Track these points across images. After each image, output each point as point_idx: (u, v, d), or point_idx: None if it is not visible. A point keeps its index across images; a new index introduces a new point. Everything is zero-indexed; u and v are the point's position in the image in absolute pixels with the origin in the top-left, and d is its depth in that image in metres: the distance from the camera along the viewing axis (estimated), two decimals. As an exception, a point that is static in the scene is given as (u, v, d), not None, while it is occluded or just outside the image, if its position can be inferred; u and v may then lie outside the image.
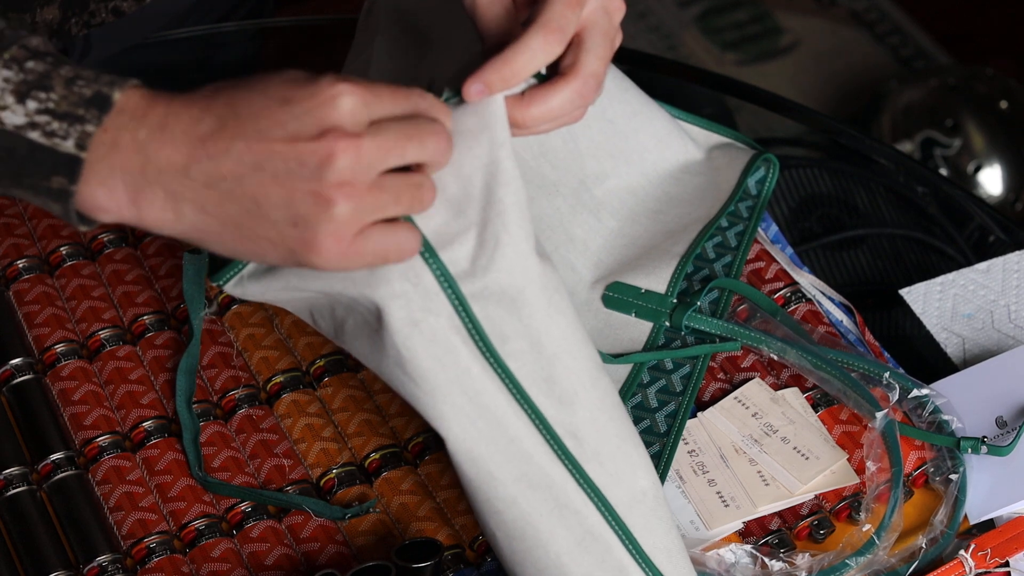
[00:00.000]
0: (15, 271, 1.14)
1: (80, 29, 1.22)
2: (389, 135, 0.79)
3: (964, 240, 1.30)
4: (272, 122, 0.78)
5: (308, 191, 0.78)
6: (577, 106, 0.88)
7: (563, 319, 0.87)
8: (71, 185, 0.79)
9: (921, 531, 0.99)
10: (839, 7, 2.48)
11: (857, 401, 1.04)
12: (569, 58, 0.87)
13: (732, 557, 0.97)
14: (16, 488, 1.02)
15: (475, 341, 0.85)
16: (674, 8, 2.47)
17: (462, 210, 0.84)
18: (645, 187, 1.14)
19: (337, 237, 0.79)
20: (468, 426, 0.86)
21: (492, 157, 0.85)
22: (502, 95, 0.85)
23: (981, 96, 2.13)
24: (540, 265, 0.86)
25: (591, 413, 0.88)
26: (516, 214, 0.85)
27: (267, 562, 0.98)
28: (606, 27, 0.88)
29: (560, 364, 0.87)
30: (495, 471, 0.87)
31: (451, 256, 0.84)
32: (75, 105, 0.79)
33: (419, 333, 0.84)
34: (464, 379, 0.85)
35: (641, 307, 1.08)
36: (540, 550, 0.88)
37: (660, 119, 1.14)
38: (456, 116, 0.85)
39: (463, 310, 0.84)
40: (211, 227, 0.80)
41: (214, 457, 1.03)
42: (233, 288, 0.86)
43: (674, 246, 1.11)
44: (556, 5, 0.86)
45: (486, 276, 0.85)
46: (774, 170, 1.16)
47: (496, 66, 0.84)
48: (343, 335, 0.88)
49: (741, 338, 1.07)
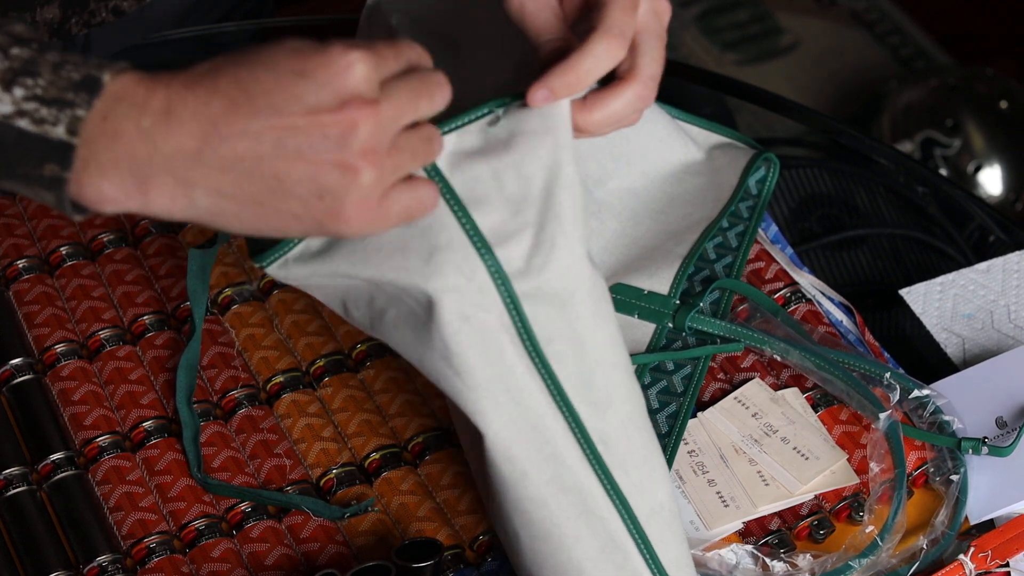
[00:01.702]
0: (15, 271, 1.14)
1: (80, 29, 1.22)
2: (402, 95, 0.79)
3: (964, 240, 1.30)
4: (288, 96, 0.77)
5: (333, 163, 0.77)
6: (636, 109, 0.88)
7: (607, 326, 0.87)
8: (64, 172, 0.77)
9: (921, 532, 0.99)
10: (839, 7, 2.48)
11: (860, 402, 1.04)
12: (626, 63, 0.88)
13: (734, 558, 0.97)
14: (16, 488, 1.02)
15: (523, 340, 0.85)
16: (674, 8, 2.46)
17: (520, 209, 0.84)
18: (646, 188, 1.14)
19: (364, 204, 0.79)
20: (508, 423, 0.86)
21: (555, 159, 0.85)
22: (568, 100, 0.85)
23: (981, 96, 2.13)
24: (591, 271, 0.86)
25: (622, 422, 0.88)
26: (573, 217, 0.85)
27: (267, 562, 0.98)
28: (657, 29, 0.89)
29: (600, 371, 0.87)
30: (529, 470, 0.87)
31: (506, 254, 0.84)
32: (64, 90, 0.77)
33: (469, 328, 0.84)
34: (508, 377, 0.85)
35: (644, 308, 1.09)
36: (564, 553, 0.88)
37: (660, 120, 1.14)
38: (520, 117, 0.85)
39: (514, 309, 0.84)
40: (229, 209, 0.79)
41: (214, 457, 1.03)
42: (277, 271, 0.85)
43: (676, 247, 1.11)
44: (615, 11, 0.86)
45: (540, 277, 0.85)
46: (775, 170, 1.16)
47: (561, 72, 0.85)
48: (381, 326, 0.87)
49: (744, 339, 1.07)
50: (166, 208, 0.79)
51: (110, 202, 0.78)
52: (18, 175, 0.79)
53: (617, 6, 0.86)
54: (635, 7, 0.87)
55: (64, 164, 0.77)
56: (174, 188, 0.78)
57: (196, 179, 0.78)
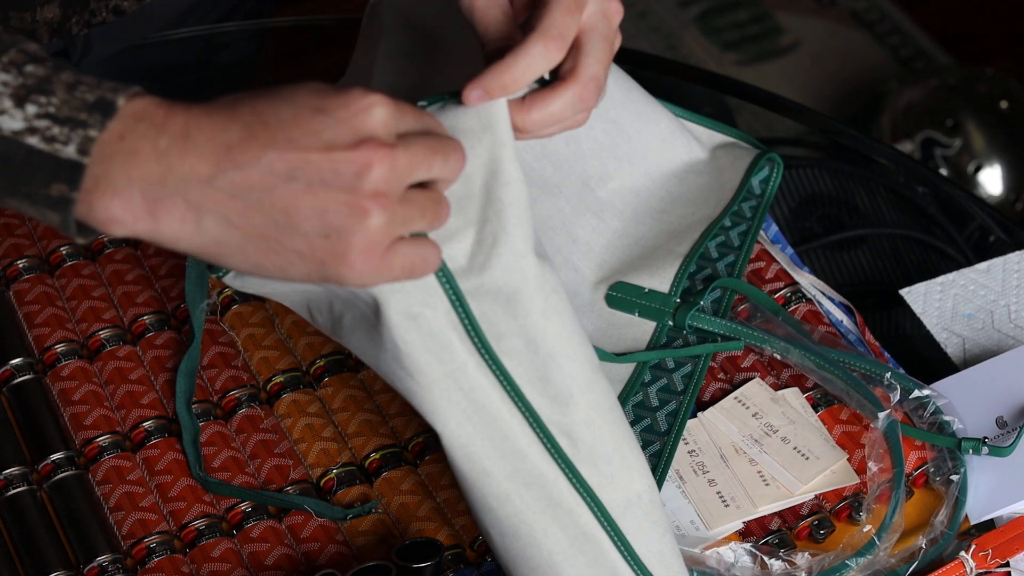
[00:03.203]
0: (15, 271, 1.14)
1: (80, 28, 1.22)
2: (419, 148, 0.79)
3: (964, 240, 1.30)
4: (305, 131, 0.77)
5: (343, 201, 0.77)
6: (578, 110, 0.88)
7: (560, 320, 0.87)
8: (72, 192, 0.77)
9: (921, 531, 0.99)
10: (839, 7, 2.48)
11: (860, 401, 1.04)
12: (569, 62, 0.87)
13: (732, 556, 0.97)
14: (16, 488, 1.02)
15: (471, 337, 0.85)
16: (674, 8, 2.47)
17: (462, 207, 0.85)
18: (649, 187, 1.14)
19: (370, 250, 0.78)
20: (464, 421, 0.86)
21: (492, 156, 0.85)
22: (504, 98, 0.85)
23: (981, 96, 2.13)
24: (538, 266, 0.86)
25: (586, 415, 0.88)
26: (515, 214, 0.85)
27: (267, 562, 0.98)
28: (605, 31, 0.88)
29: (555, 365, 0.87)
30: (489, 467, 0.87)
31: (450, 252, 0.84)
32: (77, 110, 0.77)
33: (416, 327, 0.84)
34: (460, 375, 0.85)
35: (644, 307, 1.09)
36: (534, 548, 0.88)
37: (664, 119, 1.14)
38: (458, 115, 0.85)
39: (460, 306, 0.85)
40: (233, 240, 0.78)
41: (214, 457, 1.03)
42: (232, 280, 0.86)
43: (678, 246, 1.11)
44: (556, 12, 0.86)
45: (483, 274, 0.85)
46: (778, 170, 1.16)
47: (496, 72, 0.85)
48: (341, 330, 0.88)
49: (745, 337, 1.07)
50: (174, 232, 0.78)
51: (119, 223, 0.78)
52: (23, 193, 0.78)
53: (559, 7, 0.86)
54: (579, 8, 0.86)
55: (72, 184, 0.77)
56: (184, 212, 0.77)
57: (206, 204, 0.77)
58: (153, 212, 0.77)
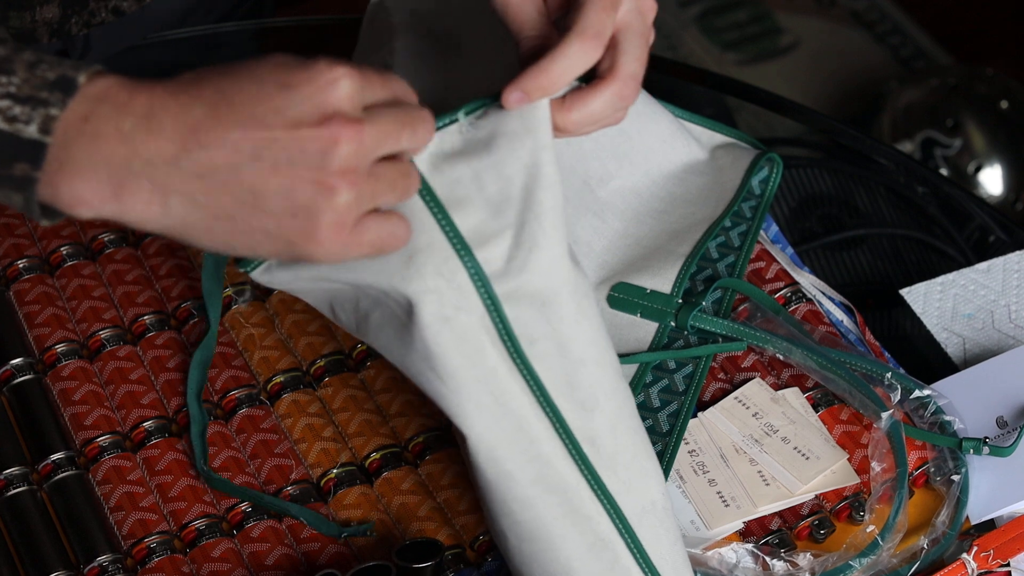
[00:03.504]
0: (15, 271, 1.14)
1: (80, 29, 1.22)
2: (386, 121, 0.78)
3: (964, 240, 1.30)
4: (269, 108, 0.76)
5: (310, 179, 0.76)
6: (617, 108, 0.88)
7: (590, 325, 0.87)
8: (34, 172, 0.76)
9: (922, 532, 0.99)
10: (839, 7, 2.48)
11: (863, 402, 1.04)
12: (607, 61, 0.87)
13: (734, 557, 0.97)
14: (16, 488, 1.02)
15: (504, 342, 0.85)
16: (674, 8, 2.47)
17: (500, 211, 0.84)
18: (649, 188, 1.14)
19: (339, 227, 0.78)
20: (492, 425, 0.86)
21: (534, 159, 0.84)
22: (546, 100, 0.85)
23: (981, 96, 2.13)
24: (573, 270, 0.86)
25: (609, 421, 0.88)
26: (554, 217, 0.85)
27: (267, 562, 0.98)
28: (640, 28, 0.88)
29: (584, 370, 0.87)
30: (514, 471, 0.87)
31: (486, 255, 0.84)
32: (38, 88, 0.76)
33: (450, 330, 0.84)
34: (490, 379, 0.85)
35: (646, 307, 1.09)
36: (551, 553, 0.88)
37: (664, 119, 1.14)
38: (499, 118, 0.85)
39: (495, 310, 0.84)
40: (201, 220, 0.77)
41: (215, 457, 1.03)
42: (261, 275, 0.85)
43: (679, 246, 1.11)
44: (592, 11, 0.85)
45: (520, 277, 0.84)
46: (778, 170, 1.16)
47: (534, 74, 0.84)
48: (366, 328, 0.87)
49: (747, 338, 1.07)
50: (140, 214, 0.77)
51: (84, 204, 0.77)
52: None
53: (595, 5, 0.85)
54: (614, 6, 0.86)
55: (35, 163, 0.76)
56: (150, 193, 0.76)
57: (172, 185, 0.76)
58: (119, 194, 0.76)
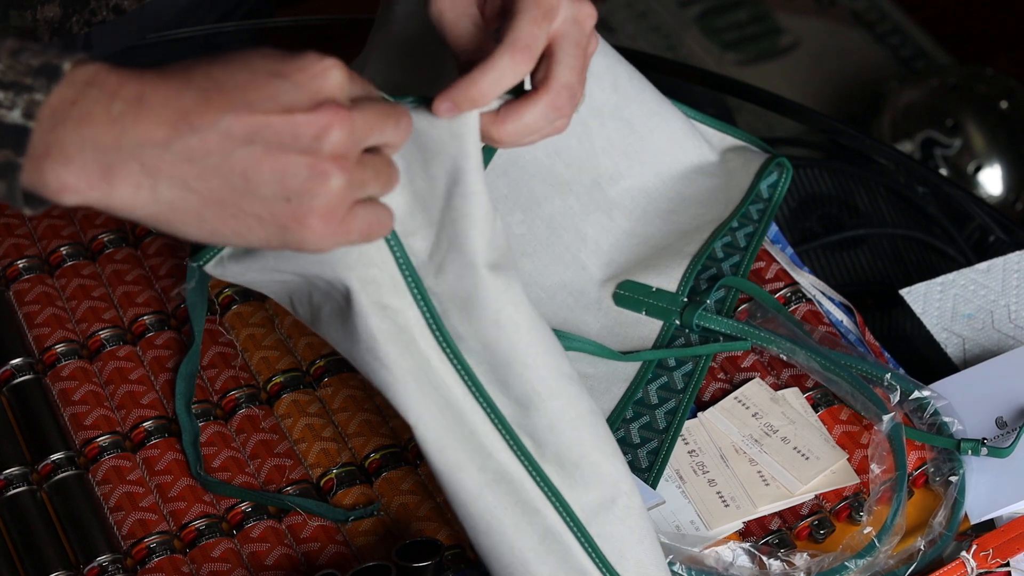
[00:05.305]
0: (15, 271, 1.14)
1: (81, 27, 1.22)
2: (372, 112, 0.79)
3: (964, 240, 1.30)
4: (262, 94, 0.76)
5: (303, 164, 0.76)
6: (554, 119, 0.87)
7: (515, 332, 0.87)
8: (17, 157, 0.75)
9: (920, 532, 0.99)
10: (839, 7, 2.48)
11: (865, 403, 1.04)
12: (541, 72, 0.87)
13: (730, 555, 0.97)
14: (16, 488, 1.02)
15: (432, 332, 0.86)
16: (674, 8, 2.47)
17: (426, 206, 0.85)
18: (659, 187, 1.14)
19: (330, 213, 0.78)
20: (437, 414, 0.86)
21: (456, 166, 0.85)
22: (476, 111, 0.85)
23: (981, 96, 2.13)
24: (491, 279, 0.86)
25: (549, 421, 0.88)
26: (470, 226, 0.85)
27: (267, 562, 0.98)
28: (578, 37, 0.88)
29: (512, 371, 0.87)
30: (462, 462, 0.87)
31: (413, 247, 0.85)
32: (22, 74, 0.75)
33: (385, 317, 0.85)
34: (426, 368, 0.86)
35: (652, 305, 1.09)
36: (506, 546, 0.89)
37: (676, 120, 1.14)
38: (432, 120, 0.85)
39: (422, 299, 0.85)
40: (190, 205, 0.77)
41: (214, 457, 1.03)
42: (213, 268, 0.86)
43: (686, 246, 1.11)
44: (523, 23, 0.85)
45: (439, 276, 0.86)
46: (787, 174, 1.16)
47: (464, 86, 0.84)
48: (319, 322, 0.88)
49: (751, 338, 1.07)
50: (128, 199, 0.76)
51: (71, 190, 0.76)
52: None
53: (525, 18, 0.85)
54: (548, 17, 0.86)
55: (18, 149, 0.75)
56: (139, 177, 0.76)
57: (162, 169, 0.76)
58: (107, 178, 0.75)
